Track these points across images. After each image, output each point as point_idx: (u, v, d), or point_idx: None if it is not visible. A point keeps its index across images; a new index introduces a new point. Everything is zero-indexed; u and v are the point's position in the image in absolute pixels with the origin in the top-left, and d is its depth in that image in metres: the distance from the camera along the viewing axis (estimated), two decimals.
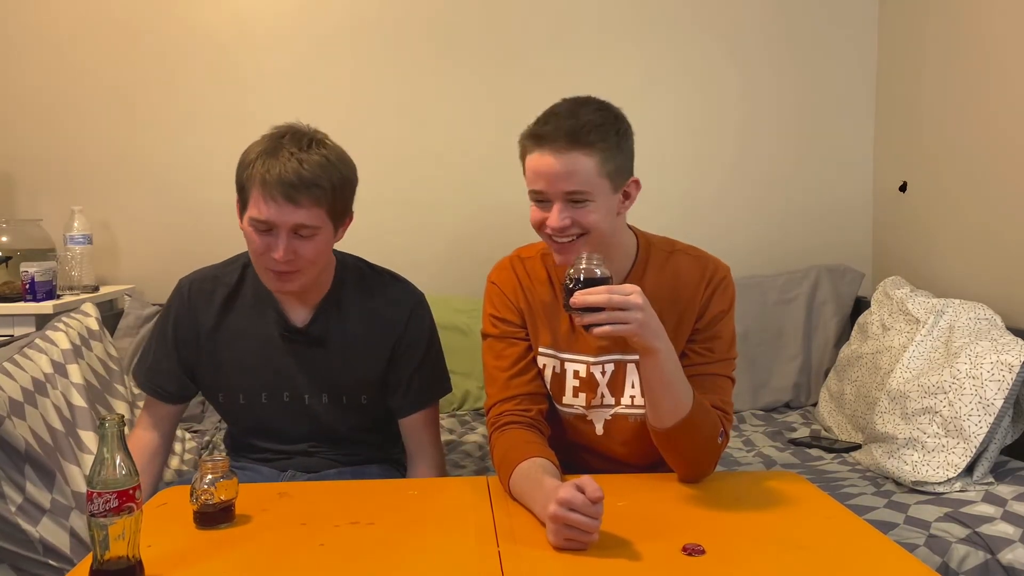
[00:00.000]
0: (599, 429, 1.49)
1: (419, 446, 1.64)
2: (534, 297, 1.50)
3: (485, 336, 1.54)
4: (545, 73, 2.73)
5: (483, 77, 2.74)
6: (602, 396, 1.47)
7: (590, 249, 1.34)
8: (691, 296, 1.45)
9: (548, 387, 1.50)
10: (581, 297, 1.20)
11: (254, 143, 1.52)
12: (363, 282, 1.65)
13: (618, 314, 1.20)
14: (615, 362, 1.46)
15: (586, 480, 1.13)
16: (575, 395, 1.48)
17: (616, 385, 1.47)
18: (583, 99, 1.38)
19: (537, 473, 1.28)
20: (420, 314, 1.66)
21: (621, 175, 1.37)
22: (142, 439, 1.64)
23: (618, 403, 1.47)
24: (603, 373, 1.47)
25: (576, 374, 1.47)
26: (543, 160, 1.33)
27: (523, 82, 2.72)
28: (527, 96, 2.74)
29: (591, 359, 1.47)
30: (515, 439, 1.40)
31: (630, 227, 1.50)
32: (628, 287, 1.22)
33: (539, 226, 1.38)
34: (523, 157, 1.39)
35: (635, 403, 1.46)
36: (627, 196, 1.41)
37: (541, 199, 1.36)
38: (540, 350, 1.49)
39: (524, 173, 1.39)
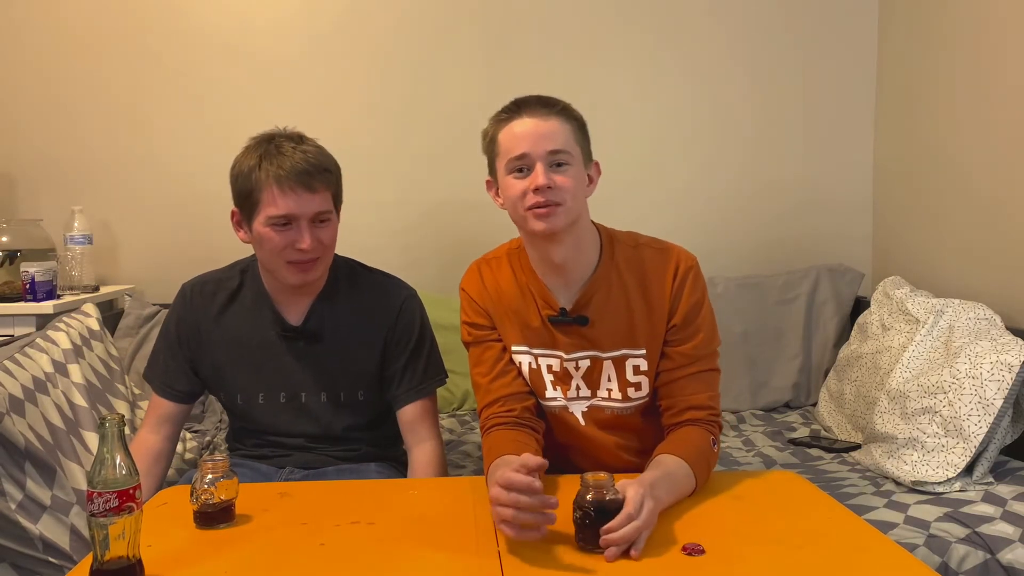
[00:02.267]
0: (580, 419, 1.50)
1: (417, 439, 1.65)
2: (500, 297, 1.50)
3: (466, 345, 1.56)
4: (540, 74, 2.73)
5: (481, 77, 2.74)
6: (578, 388, 1.49)
7: (567, 221, 1.37)
8: (659, 290, 1.45)
9: (529, 383, 1.50)
10: (615, 537, 1.09)
11: (241, 155, 1.58)
12: (355, 279, 1.71)
13: (643, 532, 1.12)
14: (591, 358, 1.47)
15: (520, 463, 1.14)
16: (554, 388, 1.49)
17: (592, 379, 1.48)
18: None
19: (495, 470, 1.29)
20: (410, 306, 1.70)
21: (587, 154, 1.45)
22: (146, 442, 1.65)
23: (594, 395, 1.49)
24: (577, 368, 1.48)
25: (550, 368, 1.48)
26: (526, 124, 1.38)
27: (519, 82, 2.69)
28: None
29: (564, 355, 1.47)
30: (495, 441, 1.41)
31: (592, 222, 1.50)
32: (637, 496, 1.14)
33: (521, 196, 1.38)
34: (494, 139, 1.42)
35: (611, 396, 1.48)
36: (590, 180, 1.46)
37: (522, 165, 1.38)
38: (513, 348, 1.50)
39: (496, 158, 1.43)
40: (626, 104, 2.74)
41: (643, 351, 1.45)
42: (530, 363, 1.49)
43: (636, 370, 1.46)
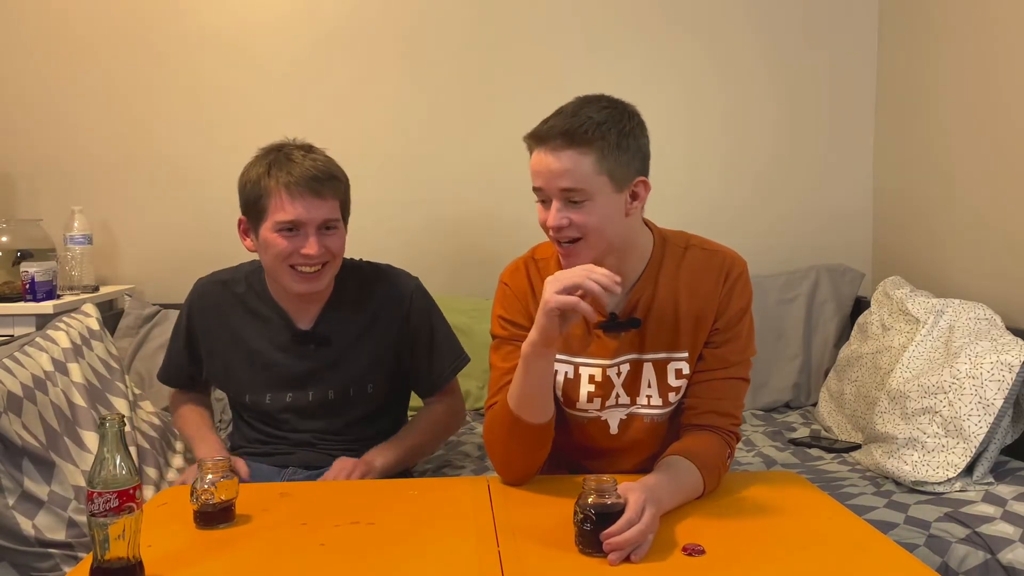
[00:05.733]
0: (613, 428, 1.47)
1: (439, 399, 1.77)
2: None
3: (493, 336, 1.51)
4: (545, 75, 2.73)
5: (483, 78, 2.74)
6: (617, 396, 1.45)
7: (594, 254, 1.33)
8: (708, 294, 1.42)
9: (560, 392, 1.47)
10: (617, 541, 1.09)
11: (249, 164, 1.59)
12: (360, 276, 1.72)
13: (649, 537, 1.13)
14: (631, 361, 1.44)
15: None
16: (590, 400, 1.45)
17: (632, 385, 1.44)
18: (592, 97, 1.36)
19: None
20: (418, 298, 1.74)
21: (624, 174, 1.33)
22: (185, 408, 1.79)
23: (634, 402, 1.45)
24: (619, 374, 1.44)
25: (592, 378, 1.44)
26: (542, 158, 1.32)
27: (523, 83, 2.72)
28: (527, 97, 2.77)
29: (606, 361, 1.44)
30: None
31: (646, 222, 1.46)
32: (638, 502, 1.13)
33: (543, 226, 1.37)
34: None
35: (651, 403, 1.44)
36: (635, 196, 1.36)
37: (543, 197, 1.35)
38: None
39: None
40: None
41: (685, 354, 1.42)
42: (567, 372, 1.45)
43: (679, 374, 1.43)
